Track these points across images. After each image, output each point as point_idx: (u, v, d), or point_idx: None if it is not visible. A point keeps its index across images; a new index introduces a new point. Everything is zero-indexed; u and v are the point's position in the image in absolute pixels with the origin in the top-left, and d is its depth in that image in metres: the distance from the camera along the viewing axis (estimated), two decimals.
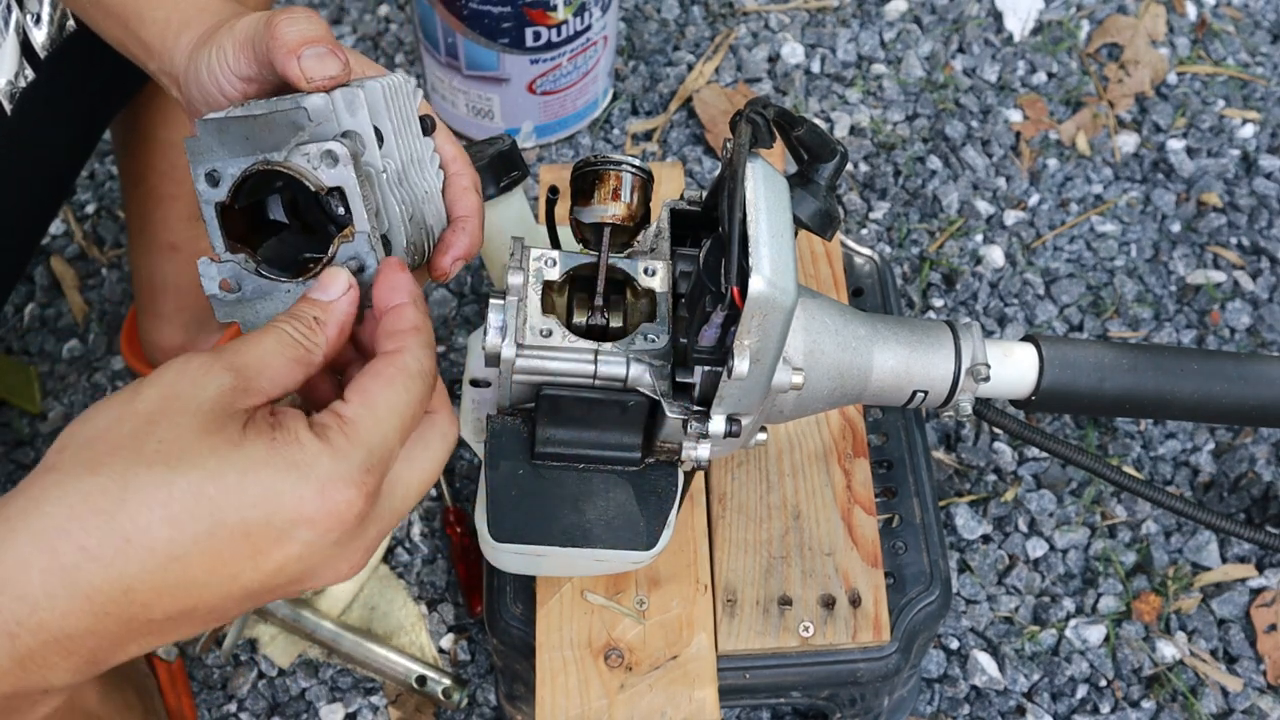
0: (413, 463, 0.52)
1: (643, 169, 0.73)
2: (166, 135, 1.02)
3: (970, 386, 0.80)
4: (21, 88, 0.68)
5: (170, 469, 0.45)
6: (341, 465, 0.47)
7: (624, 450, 0.73)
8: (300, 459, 0.46)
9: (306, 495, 0.46)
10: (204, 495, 0.45)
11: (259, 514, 0.46)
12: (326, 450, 0.47)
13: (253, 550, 0.46)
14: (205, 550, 0.45)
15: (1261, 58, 1.48)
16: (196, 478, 0.45)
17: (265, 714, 1.08)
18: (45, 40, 0.69)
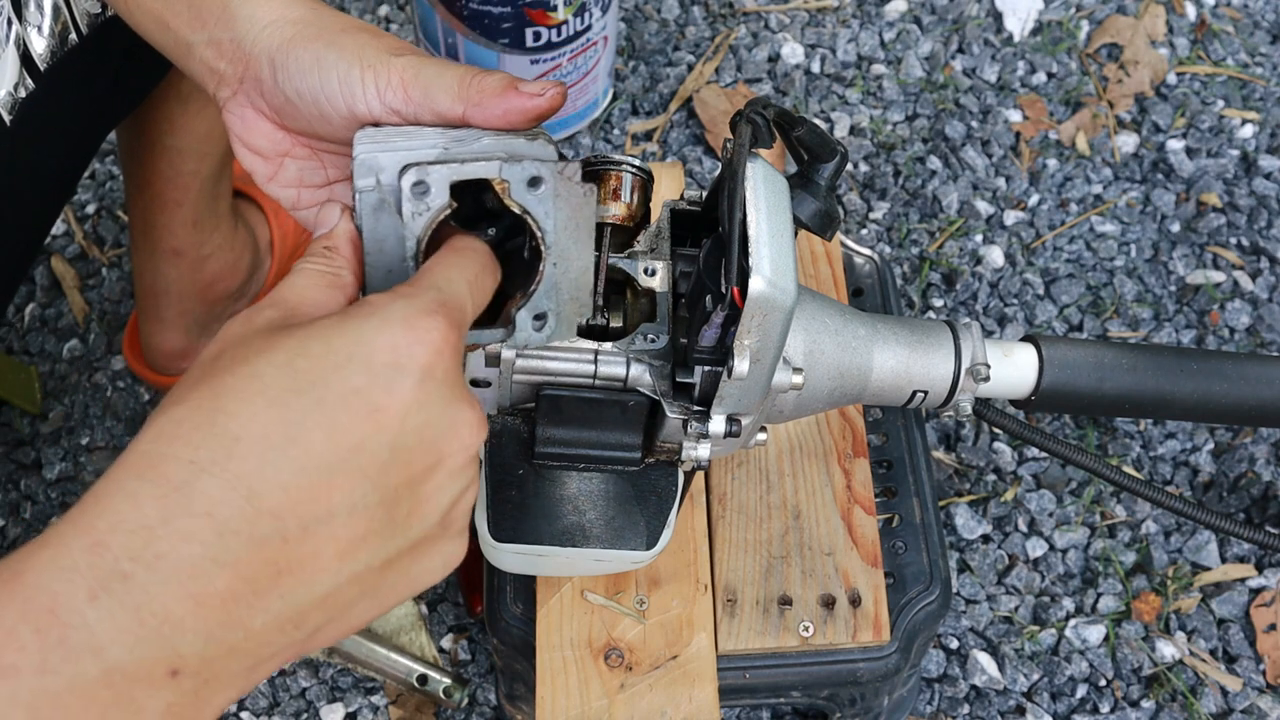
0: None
1: (643, 169, 0.73)
2: (173, 142, 1.02)
3: (970, 386, 0.80)
4: (21, 99, 0.68)
5: (254, 365, 0.42)
6: (416, 301, 0.45)
7: (624, 450, 0.73)
8: (374, 309, 0.44)
9: (395, 333, 0.43)
10: (296, 370, 0.42)
11: (356, 368, 0.43)
12: (397, 296, 0.45)
13: (366, 407, 0.42)
14: (318, 423, 0.41)
15: (1261, 58, 1.48)
16: (281, 359, 0.42)
17: (265, 714, 1.08)
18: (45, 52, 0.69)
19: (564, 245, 0.55)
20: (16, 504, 1.19)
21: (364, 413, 0.42)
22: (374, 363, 0.43)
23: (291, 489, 0.41)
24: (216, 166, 1.06)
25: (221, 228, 1.13)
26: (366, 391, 0.42)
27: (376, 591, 0.45)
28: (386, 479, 0.43)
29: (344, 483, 0.42)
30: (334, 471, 0.42)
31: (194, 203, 1.07)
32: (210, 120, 1.02)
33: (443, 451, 0.45)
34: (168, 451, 0.40)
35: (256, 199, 1.23)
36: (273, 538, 0.40)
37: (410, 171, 0.50)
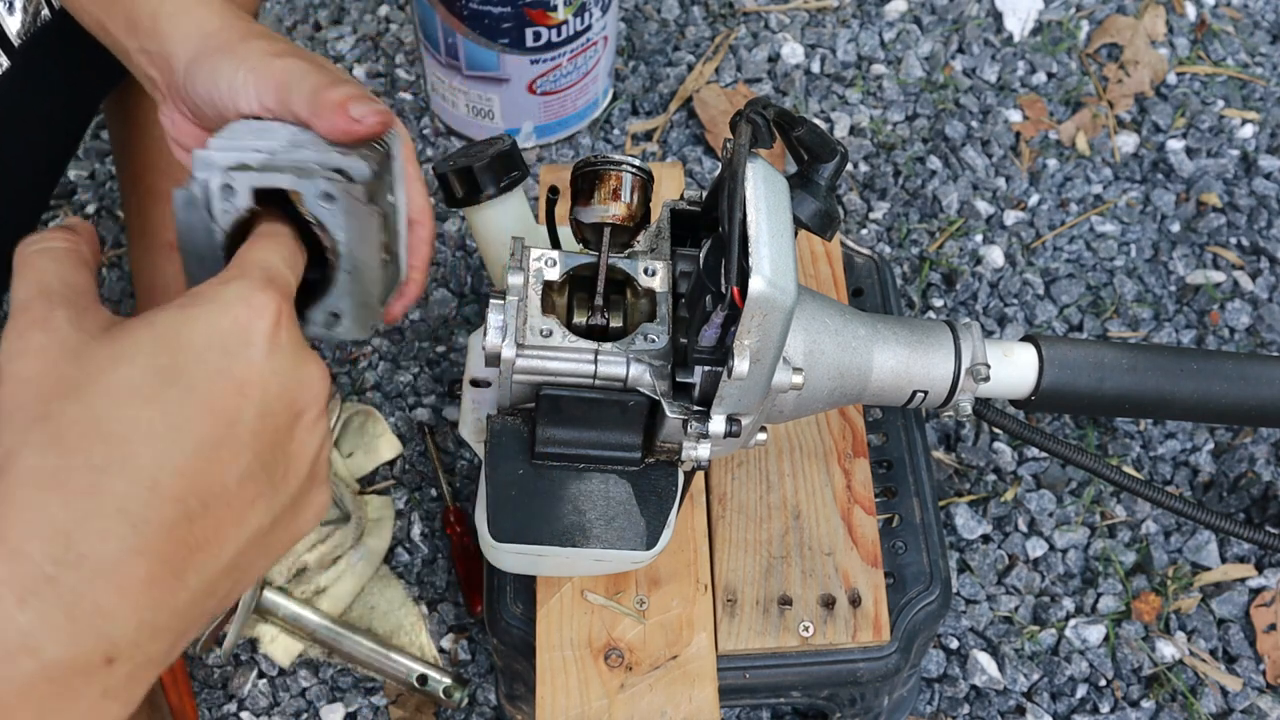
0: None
1: (643, 169, 0.73)
2: (162, 131, 1.02)
3: (970, 386, 0.80)
4: None
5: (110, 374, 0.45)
6: (247, 281, 0.48)
7: (624, 450, 0.73)
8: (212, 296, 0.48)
9: (238, 312, 0.47)
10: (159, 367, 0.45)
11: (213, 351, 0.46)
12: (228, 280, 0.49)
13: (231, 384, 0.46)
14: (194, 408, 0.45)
15: (1261, 58, 1.48)
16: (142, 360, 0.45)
17: (265, 714, 1.08)
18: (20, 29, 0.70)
19: (355, 255, 0.59)
20: None
21: (230, 389, 0.46)
22: (227, 343, 0.46)
23: (187, 472, 0.44)
24: None
25: None
26: (228, 370, 0.46)
27: (268, 549, 0.49)
28: (261, 443, 0.47)
29: (229, 455, 0.45)
30: (219, 447, 0.45)
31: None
32: None
33: (300, 407, 0.49)
34: (64, 462, 0.42)
35: None
36: (181, 520, 0.43)
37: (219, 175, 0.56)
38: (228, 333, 0.46)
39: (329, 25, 1.49)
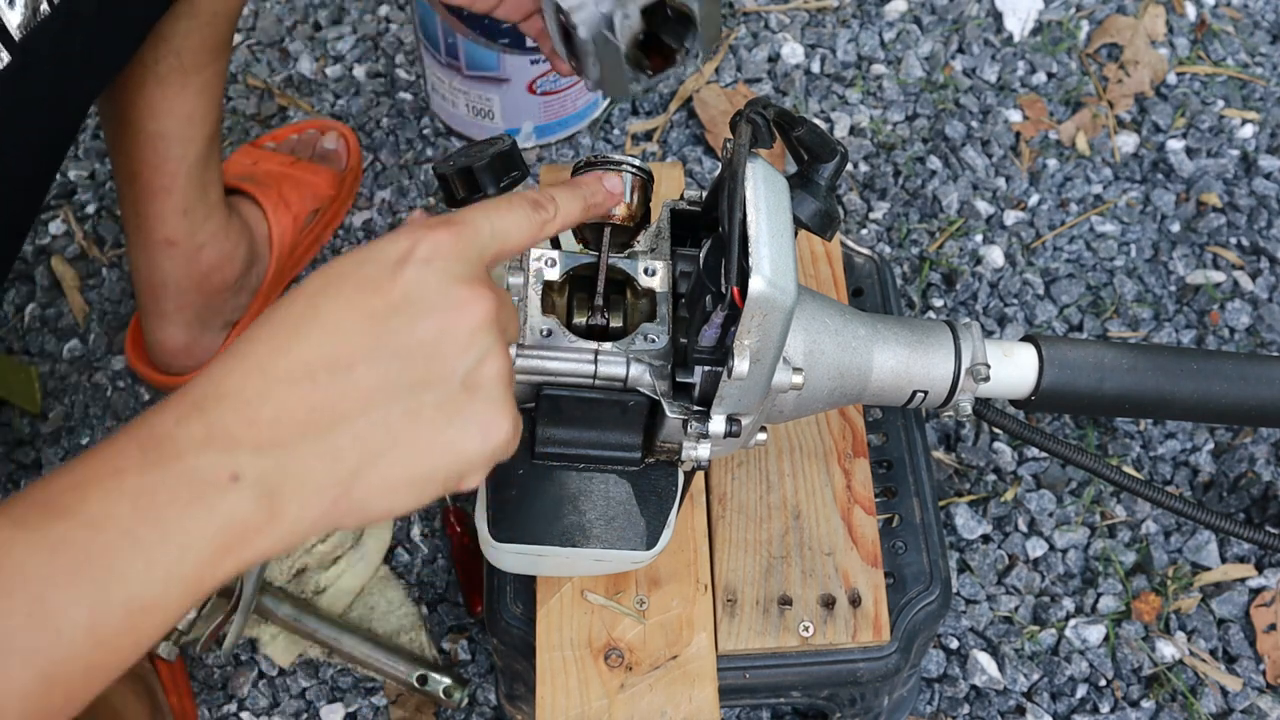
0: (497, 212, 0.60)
1: (643, 169, 0.73)
2: (156, 127, 1.02)
3: (970, 386, 0.80)
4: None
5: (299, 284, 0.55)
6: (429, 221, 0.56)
7: (624, 450, 0.73)
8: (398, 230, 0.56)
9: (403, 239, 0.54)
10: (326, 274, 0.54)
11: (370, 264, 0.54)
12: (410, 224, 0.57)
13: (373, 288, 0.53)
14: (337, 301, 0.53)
15: (1261, 58, 1.48)
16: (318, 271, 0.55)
17: (265, 714, 1.08)
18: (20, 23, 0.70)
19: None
20: None
21: (371, 291, 0.53)
22: (384, 260, 0.54)
23: (319, 345, 0.52)
24: (202, 151, 1.07)
25: (214, 216, 1.13)
26: (375, 279, 0.53)
27: (408, 442, 0.53)
28: (395, 340, 0.53)
29: (359, 340, 0.52)
30: (350, 333, 0.52)
31: (183, 190, 1.07)
32: (190, 102, 1.02)
33: (445, 320, 0.54)
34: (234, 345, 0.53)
35: (256, 196, 1.23)
36: (304, 381, 0.51)
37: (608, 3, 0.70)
38: (389, 253, 0.54)
39: (329, 25, 1.49)
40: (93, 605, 0.46)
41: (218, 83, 1.05)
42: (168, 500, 0.47)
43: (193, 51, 0.99)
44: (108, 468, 0.48)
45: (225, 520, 0.48)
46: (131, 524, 0.47)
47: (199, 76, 1.01)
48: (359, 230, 1.34)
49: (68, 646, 0.45)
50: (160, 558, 0.47)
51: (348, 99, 1.43)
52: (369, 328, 0.52)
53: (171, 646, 1.04)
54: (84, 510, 0.46)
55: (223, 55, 1.03)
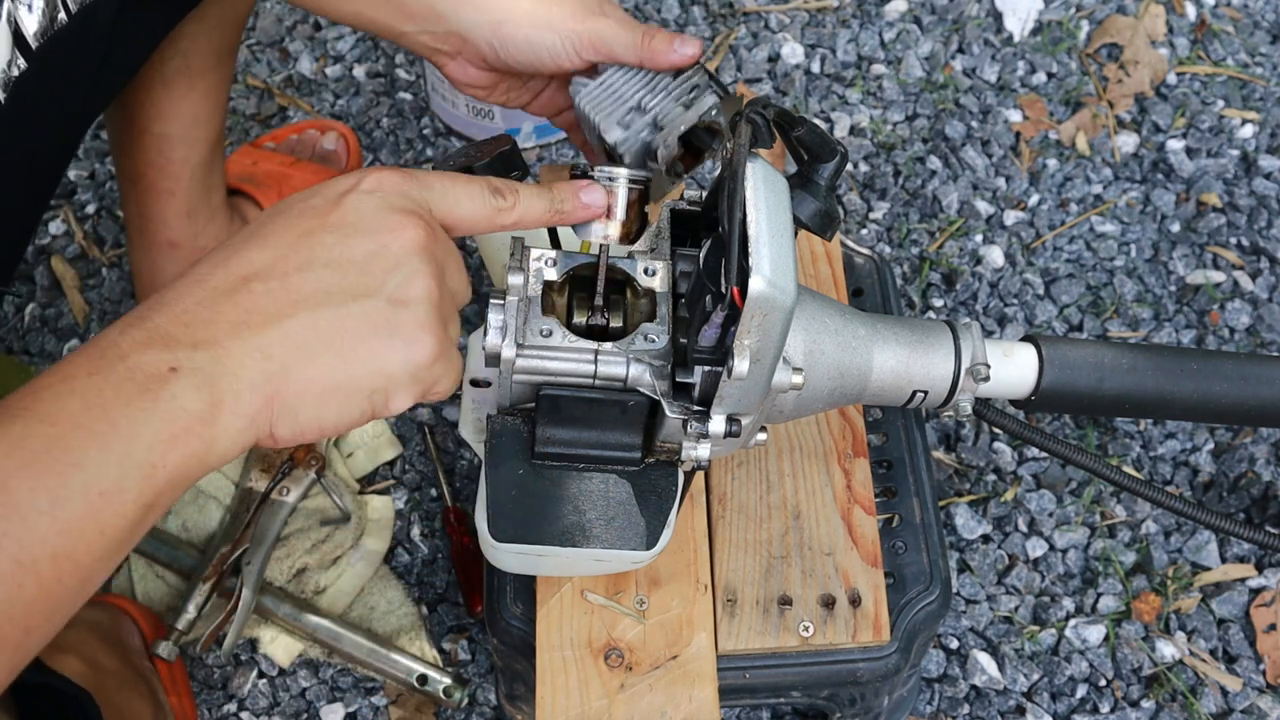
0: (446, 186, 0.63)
1: (640, 180, 0.73)
2: (161, 129, 1.02)
3: (970, 386, 0.80)
4: (14, 77, 0.69)
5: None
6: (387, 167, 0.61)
7: (624, 450, 0.73)
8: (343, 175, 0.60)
9: (354, 175, 0.60)
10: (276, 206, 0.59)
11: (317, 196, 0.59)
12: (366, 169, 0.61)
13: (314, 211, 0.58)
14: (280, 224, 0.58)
15: (1261, 58, 1.48)
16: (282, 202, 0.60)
17: (265, 714, 1.08)
18: (37, 30, 0.70)
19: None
20: None
21: (312, 215, 0.58)
22: (330, 192, 0.59)
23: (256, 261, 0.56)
24: (206, 154, 1.07)
25: (216, 219, 1.13)
26: (318, 206, 0.58)
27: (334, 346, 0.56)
28: (329, 253, 0.57)
29: (293, 254, 0.57)
30: (288, 249, 0.57)
31: (186, 192, 1.07)
32: (196, 105, 1.02)
33: (379, 239, 0.58)
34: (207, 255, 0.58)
35: (256, 197, 1.23)
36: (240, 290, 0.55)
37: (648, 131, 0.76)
38: (336, 187, 0.59)
39: (329, 25, 1.49)
40: (52, 492, 0.49)
41: (223, 86, 1.05)
42: (113, 395, 0.51)
43: (200, 55, 0.99)
44: (58, 376, 0.52)
45: (168, 408, 0.52)
46: (83, 418, 0.50)
47: (205, 80, 1.01)
48: None
49: (33, 531, 0.48)
50: (112, 445, 0.50)
51: (348, 99, 1.43)
52: (304, 242, 0.57)
53: (171, 646, 1.04)
54: (37, 408, 0.50)
55: (229, 59, 1.03)
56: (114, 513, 0.51)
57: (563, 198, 0.69)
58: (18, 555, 0.48)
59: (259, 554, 1.07)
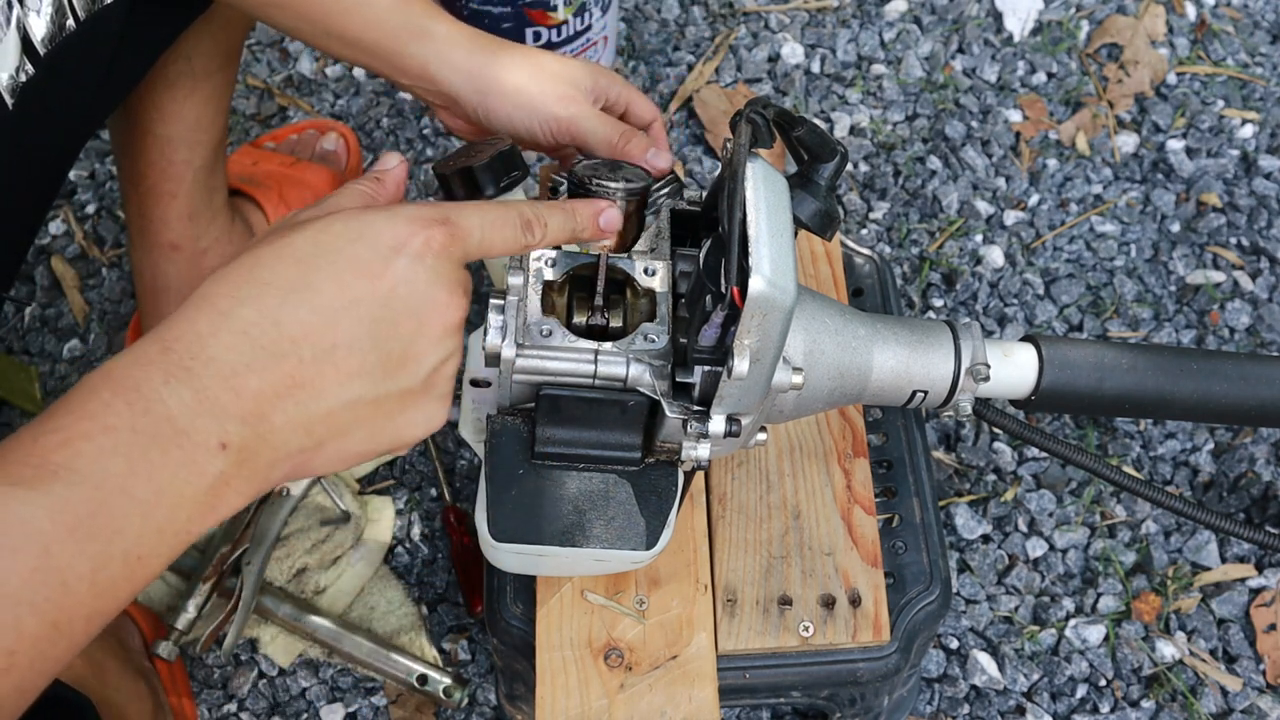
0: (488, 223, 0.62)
1: (637, 190, 0.72)
2: (164, 131, 1.02)
3: (970, 386, 0.80)
4: (22, 83, 0.69)
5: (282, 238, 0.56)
6: (424, 210, 0.58)
7: (624, 450, 0.73)
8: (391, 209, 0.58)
9: (400, 225, 0.57)
10: (319, 241, 0.56)
11: (364, 244, 0.56)
12: (409, 203, 0.60)
13: (366, 272, 0.55)
14: (329, 278, 0.55)
15: (1261, 58, 1.48)
16: (311, 232, 0.56)
17: (266, 714, 1.08)
18: (45, 36, 0.70)
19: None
20: None
21: (365, 276, 0.55)
22: (379, 243, 0.56)
23: (306, 324, 0.54)
24: (209, 156, 1.07)
25: (218, 221, 1.13)
26: (369, 262, 0.56)
27: (368, 425, 0.57)
28: (378, 330, 0.56)
29: (345, 325, 0.55)
30: (338, 315, 0.55)
31: (188, 194, 1.07)
32: (199, 108, 1.02)
33: (424, 319, 0.57)
34: (218, 290, 0.54)
35: (256, 197, 1.23)
36: (290, 357, 0.53)
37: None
38: (384, 236, 0.56)
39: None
40: (94, 559, 0.48)
41: (226, 89, 1.05)
42: (160, 461, 0.50)
43: (204, 58, 0.99)
44: (98, 424, 0.50)
45: (212, 482, 0.52)
46: (127, 482, 0.49)
47: (208, 82, 1.01)
48: None
49: (72, 596, 0.48)
50: (155, 514, 0.50)
51: (348, 99, 1.43)
52: (355, 313, 0.55)
53: (171, 646, 1.04)
54: (79, 467, 0.49)
55: (233, 63, 1.03)
56: (146, 574, 0.51)
57: (584, 224, 0.70)
58: (56, 619, 0.48)
59: (259, 554, 1.07)
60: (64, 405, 0.51)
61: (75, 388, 0.52)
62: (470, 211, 0.60)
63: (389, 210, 0.58)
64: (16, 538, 0.47)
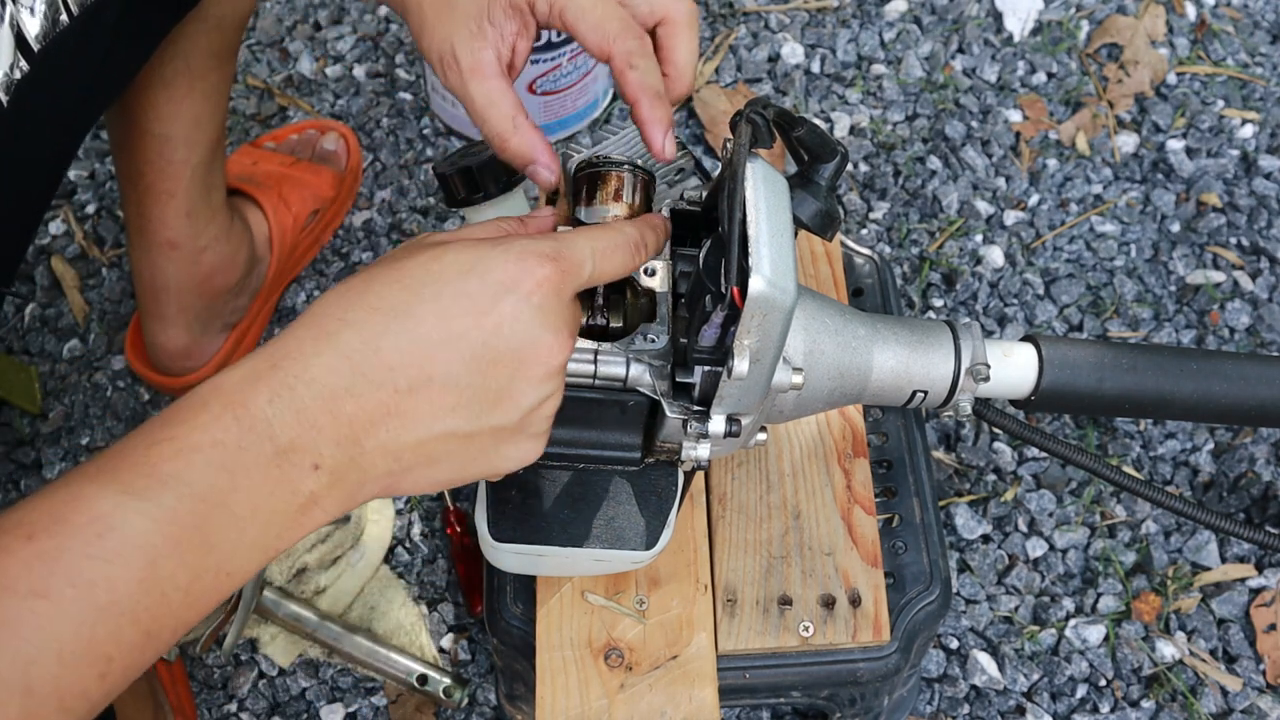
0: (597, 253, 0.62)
1: (645, 169, 0.73)
2: (162, 130, 1.02)
3: (970, 386, 0.80)
4: (16, 79, 0.69)
5: (399, 261, 0.57)
6: (535, 244, 0.58)
7: (624, 450, 0.73)
8: (504, 242, 0.58)
9: (508, 260, 0.56)
10: (430, 269, 0.56)
11: (473, 278, 0.56)
12: (523, 237, 0.59)
13: (474, 308, 0.55)
14: (433, 310, 0.55)
15: (1261, 58, 1.48)
16: (423, 259, 0.57)
17: (266, 714, 1.08)
18: (39, 33, 0.70)
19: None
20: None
21: (471, 311, 0.56)
22: (489, 279, 0.56)
23: (405, 353, 0.54)
24: (207, 155, 1.07)
25: (216, 220, 1.13)
26: (477, 296, 0.56)
27: (459, 457, 0.58)
28: (478, 367, 0.56)
29: (444, 358, 0.55)
30: (437, 348, 0.55)
31: (186, 193, 1.07)
32: (196, 106, 1.02)
33: (525, 360, 0.57)
34: (328, 311, 0.55)
35: (256, 197, 1.23)
36: (386, 385, 0.54)
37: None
38: (494, 272, 0.56)
39: (329, 25, 1.49)
40: (191, 571, 0.50)
41: (224, 87, 1.05)
42: (260, 479, 0.52)
43: (200, 56, 0.99)
44: (207, 437, 0.51)
45: (303, 501, 0.53)
46: (229, 498, 0.51)
47: (205, 81, 1.01)
48: (359, 230, 1.34)
49: (168, 607, 0.49)
50: (249, 529, 0.52)
51: (348, 99, 1.43)
52: (454, 348, 0.55)
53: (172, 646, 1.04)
54: (189, 479, 0.50)
55: (230, 60, 1.03)
56: (231, 586, 0.52)
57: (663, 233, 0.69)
58: (150, 628, 0.49)
59: None
60: (176, 414, 0.52)
61: (188, 396, 0.53)
62: (582, 242, 0.60)
63: (504, 244, 0.58)
64: (129, 549, 0.48)
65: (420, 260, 0.57)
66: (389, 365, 0.54)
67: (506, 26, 0.69)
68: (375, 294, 0.56)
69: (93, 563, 0.47)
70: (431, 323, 0.55)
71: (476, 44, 0.69)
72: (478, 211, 0.84)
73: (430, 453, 0.57)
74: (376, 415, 0.54)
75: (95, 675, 0.48)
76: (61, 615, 0.47)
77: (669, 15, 0.70)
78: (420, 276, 0.56)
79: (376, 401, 0.54)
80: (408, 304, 0.55)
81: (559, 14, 0.69)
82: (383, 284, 0.56)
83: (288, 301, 1.29)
